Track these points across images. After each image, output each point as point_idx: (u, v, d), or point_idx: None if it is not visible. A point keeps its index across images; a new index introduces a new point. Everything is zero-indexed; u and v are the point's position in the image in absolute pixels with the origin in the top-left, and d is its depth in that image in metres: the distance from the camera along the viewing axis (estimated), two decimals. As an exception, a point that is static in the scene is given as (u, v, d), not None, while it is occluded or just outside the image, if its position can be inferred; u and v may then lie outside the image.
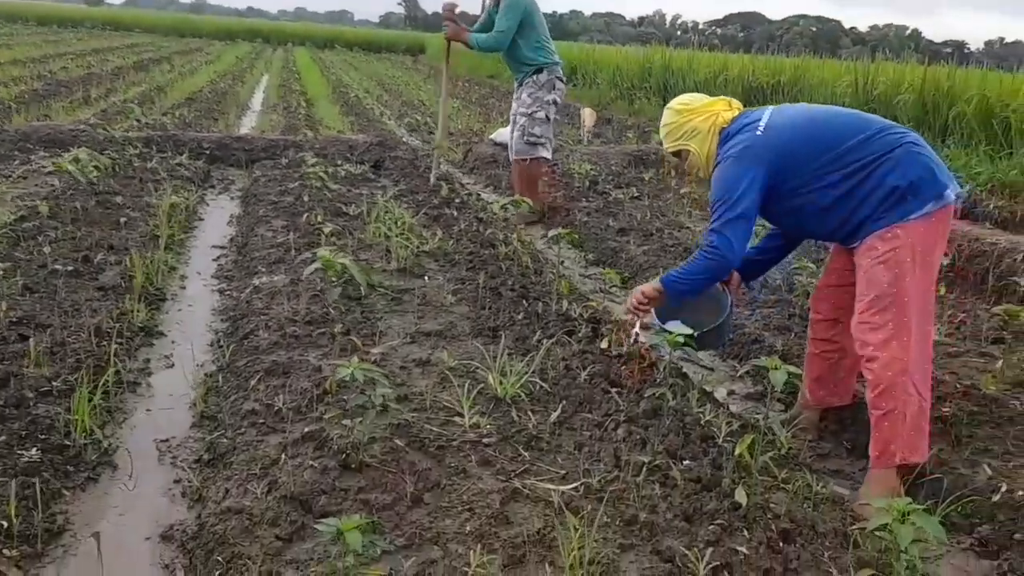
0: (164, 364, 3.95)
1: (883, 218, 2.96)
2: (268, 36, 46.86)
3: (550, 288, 4.79)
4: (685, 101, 3.47)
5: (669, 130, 3.44)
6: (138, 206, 6.23)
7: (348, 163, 8.60)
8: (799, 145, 3.10)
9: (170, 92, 14.79)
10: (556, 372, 3.62)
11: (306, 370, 3.54)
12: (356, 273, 3.16)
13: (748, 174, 3.11)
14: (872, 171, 2.97)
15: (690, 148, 3.38)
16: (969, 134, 8.22)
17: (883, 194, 2.95)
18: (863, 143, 3.01)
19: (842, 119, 3.16)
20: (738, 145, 3.17)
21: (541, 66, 6.89)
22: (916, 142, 3.03)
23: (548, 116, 6.92)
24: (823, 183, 3.05)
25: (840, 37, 76.10)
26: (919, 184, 2.92)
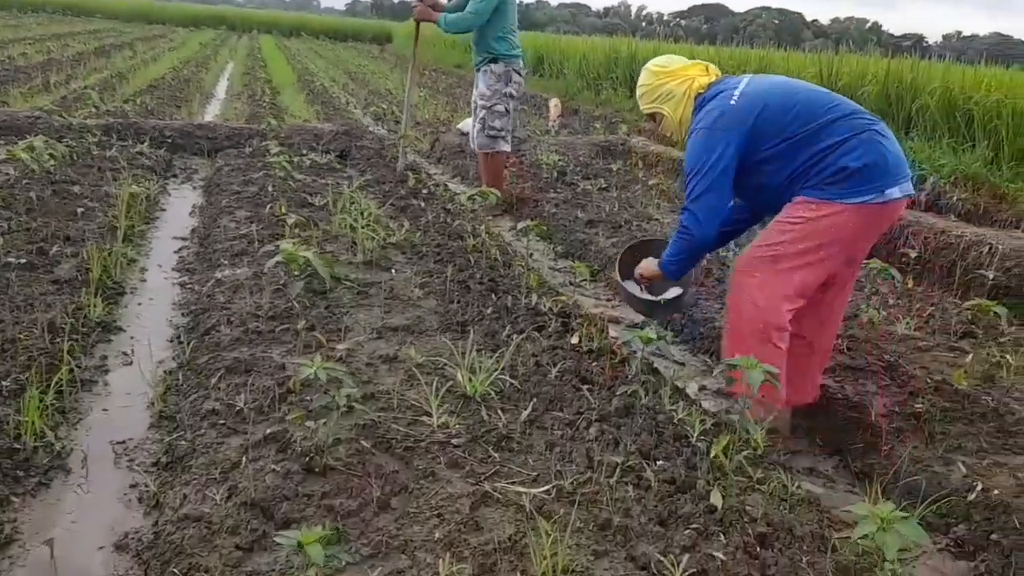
0: (122, 361, 3.82)
1: (821, 190, 3.05)
2: (233, 23, 46.18)
3: (519, 281, 4.71)
4: (662, 63, 3.45)
5: (644, 91, 3.46)
6: (97, 196, 6.05)
7: (314, 152, 8.45)
8: (770, 118, 3.12)
9: (132, 79, 14.49)
10: (526, 369, 3.54)
11: (269, 368, 3.43)
12: (319, 267, 3.06)
13: (719, 145, 3.14)
14: (831, 151, 3.02)
15: (664, 111, 3.40)
16: (932, 126, 8.25)
17: (833, 171, 3.02)
18: (833, 123, 3.05)
19: (815, 96, 3.18)
20: (711, 114, 3.19)
21: (498, 56, 6.76)
22: (883, 132, 3.09)
23: (507, 109, 6.84)
24: (789, 159, 3.10)
25: (802, 30, 76.57)
26: (867, 171, 2.99)
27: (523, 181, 7.84)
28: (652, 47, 14.35)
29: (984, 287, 4.97)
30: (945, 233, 5.69)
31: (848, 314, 4.51)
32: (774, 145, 3.12)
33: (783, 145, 3.10)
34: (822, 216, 3.03)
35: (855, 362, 3.91)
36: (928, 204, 7.18)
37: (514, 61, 6.82)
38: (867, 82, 9.03)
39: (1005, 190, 6.97)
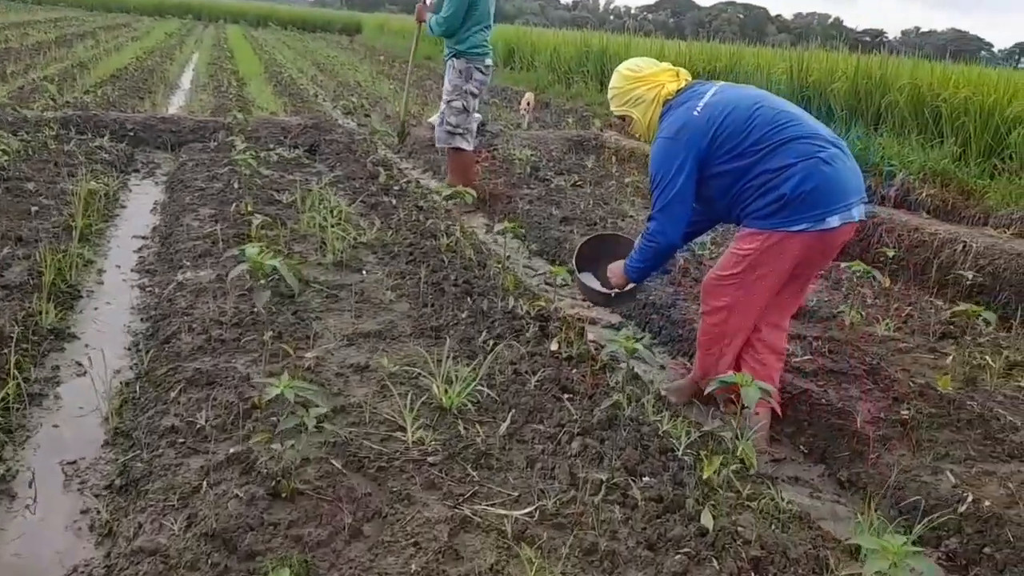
0: (75, 372, 3.62)
1: (763, 219, 3.19)
2: (200, 12, 45.42)
3: (495, 283, 4.56)
4: (634, 67, 3.51)
5: (615, 94, 3.54)
6: (52, 193, 5.81)
7: (281, 147, 8.23)
8: (728, 134, 3.21)
9: (94, 69, 14.10)
10: (504, 377, 3.39)
11: (233, 380, 3.25)
12: (287, 275, 2.90)
13: (679, 155, 3.25)
14: (773, 177, 3.13)
15: (633, 115, 3.48)
16: (901, 122, 8.21)
17: (771, 198, 3.14)
18: (781, 145, 3.14)
19: (775, 115, 3.21)
20: (673, 125, 3.28)
21: (460, 53, 6.65)
22: (829, 159, 3.12)
23: (465, 106, 6.72)
24: (739, 175, 3.21)
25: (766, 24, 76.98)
26: (804, 200, 3.08)
27: (496, 177, 7.67)
28: (623, 41, 14.21)
29: (962, 286, 4.90)
30: (919, 231, 5.63)
31: (827, 315, 4.42)
32: (727, 160, 3.23)
33: (735, 162, 3.21)
34: (768, 246, 3.19)
35: (837, 365, 3.80)
36: (897, 200, 7.14)
37: (477, 59, 6.68)
38: (836, 78, 8.97)
39: (972, 186, 6.94)
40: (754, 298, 3.31)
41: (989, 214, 6.37)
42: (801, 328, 4.25)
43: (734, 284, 3.32)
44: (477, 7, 6.54)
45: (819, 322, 4.35)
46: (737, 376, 2.31)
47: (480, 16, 6.59)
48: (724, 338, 3.41)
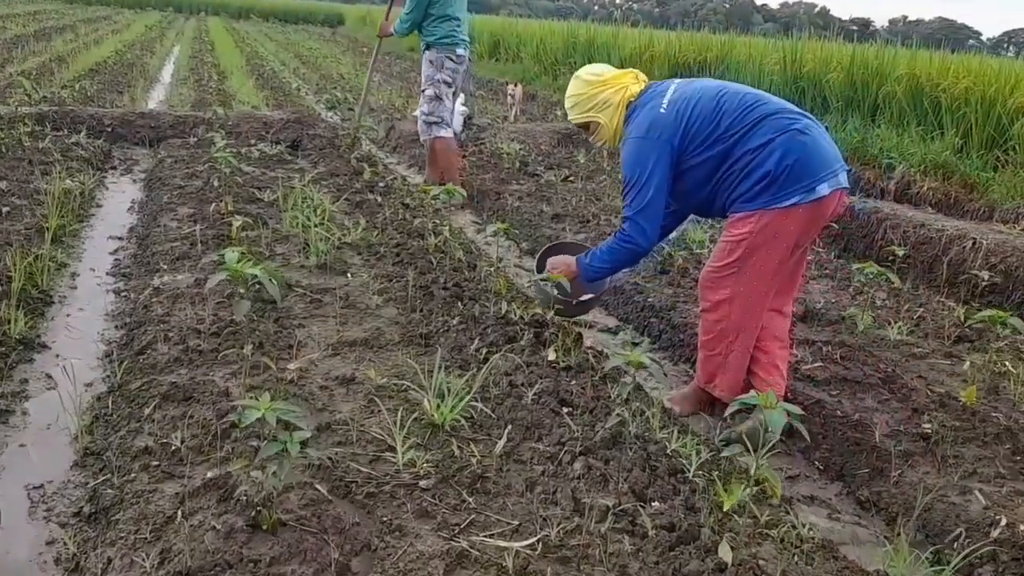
0: (44, 385, 3.42)
1: (751, 201, 3.09)
2: (181, 5, 44.91)
3: (487, 286, 4.36)
4: (596, 72, 3.45)
5: (578, 101, 3.46)
6: (25, 193, 5.56)
7: (263, 143, 8.00)
8: (698, 125, 3.16)
9: (72, 63, 13.78)
10: (499, 390, 3.20)
11: (211, 395, 3.05)
12: (269, 285, 2.70)
13: (652, 154, 3.19)
14: (756, 155, 3.06)
15: (599, 120, 3.41)
16: (900, 114, 8.03)
17: (757, 178, 3.06)
18: (754, 125, 3.08)
19: (740, 100, 3.16)
20: (641, 125, 3.23)
21: (431, 43, 6.80)
22: (804, 129, 3.07)
23: (438, 94, 6.83)
24: (715, 164, 3.15)
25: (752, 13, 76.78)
26: (790, 173, 3.01)
27: (484, 172, 7.47)
28: (611, 32, 14.01)
29: (975, 286, 4.73)
30: (925, 227, 5.45)
31: (835, 318, 4.25)
32: (702, 151, 3.16)
33: (710, 151, 3.15)
34: (762, 226, 3.08)
35: (850, 373, 3.62)
36: (898, 194, 6.98)
37: (447, 48, 6.79)
38: (832, 69, 8.78)
39: (975, 179, 6.77)
40: (756, 286, 3.17)
41: (994, 208, 6.21)
42: (809, 332, 4.07)
43: (732, 273, 3.18)
44: None
45: (827, 325, 4.17)
46: (760, 397, 2.13)
47: (442, 6, 6.69)
48: (728, 335, 3.25)
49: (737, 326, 3.22)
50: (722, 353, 3.28)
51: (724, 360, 3.28)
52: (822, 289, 4.74)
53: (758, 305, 3.22)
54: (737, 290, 3.18)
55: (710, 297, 3.27)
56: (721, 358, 3.29)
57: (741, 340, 3.25)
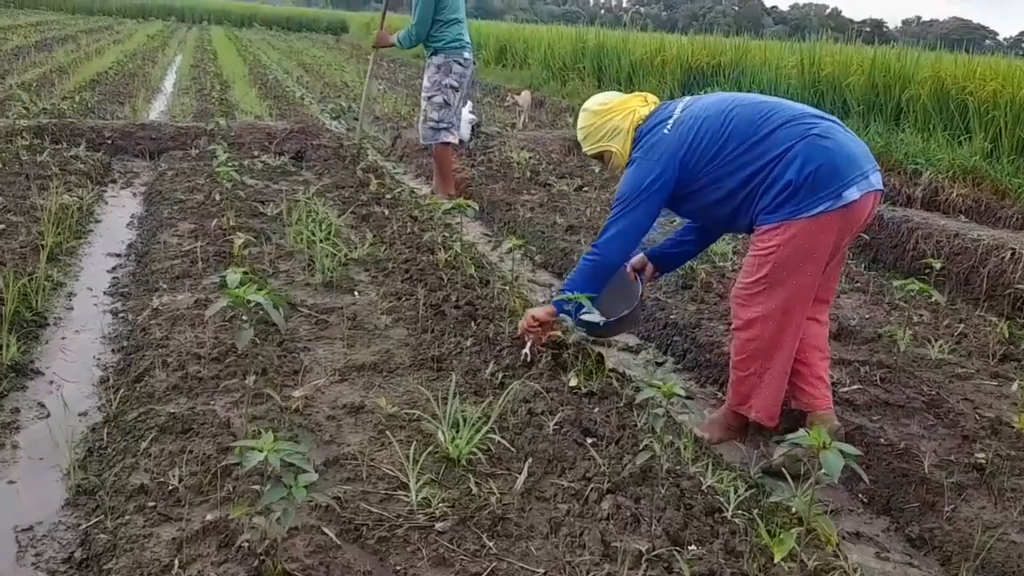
0: (37, 414, 3.22)
1: (776, 212, 2.94)
2: (183, 14, 44.84)
3: (500, 303, 4.16)
4: (602, 101, 3.38)
5: (588, 132, 3.37)
6: (21, 209, 5.38)
7: (266, 154, 7.82)
8: (705, 142, 3.04)
9: (73, 74, 13.63)
10: (517, 419, 3.00)
11: (211, 427, 2.86)
12: (273, 312, 2.51)
13: (651, 175, 3.10)
14: (774, 166, 2.92)
15: (612, 148, 3.31)
16: (925, 118, 7.79)
17: (778, 189, 2.91)
18: (767, 136, 2.95)
19: (751, 110, 3.04)
20: (646, 145, 3.16)
21: (438, 48, 6.68)
22: (823, 133, 2.92)
23: (447, 100, 6.72)
24: (730, 180, 3.01)
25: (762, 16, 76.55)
26: (815, 180, 2.86)
27: (493, 182, 7.28)
28: (620, 36, 13.80)
29: (1018, 299, 4.51)
30: (959, 237, 5.23)
31: (871, 335, 4.04)
32: (714, 167, 3.04)
33: (723, 166, 3.02)
34: (789, 237, 2.92)
35: (892, 396, 3.41)
36: (925, 201, 6.75)
37: (455, 52, 6.68)
38: (852, 72, 8.56)
39: (1007, 185, 6.53)
40: (790, 301, 2.99)
41: (1028, 215, 5.98)
42: (844, 351, 3.86)
43: (764, 289, 3.01)
44: (446, 3, 6.54)
45: (864, 344, 3.95)
46: (811, 436, 1.92)
47: (450, 10, 6.59)
48: (763, 354, 3.06)
49: (772, 344, 3.04)
50: (756, 373, 3.09)
51: (759, 381, 3.09)
52: (854, 304, 4.52)
53: (793, 321, 3.03)
54: (770, 307, 3.01)
55: (742, 315, 3.09)
56: (756, 378, 3.09)
57: (777, 360, 3.06)
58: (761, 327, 3.03)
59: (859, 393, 3.41)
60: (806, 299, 3.04)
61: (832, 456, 1.85)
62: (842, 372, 3.62)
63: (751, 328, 3.06)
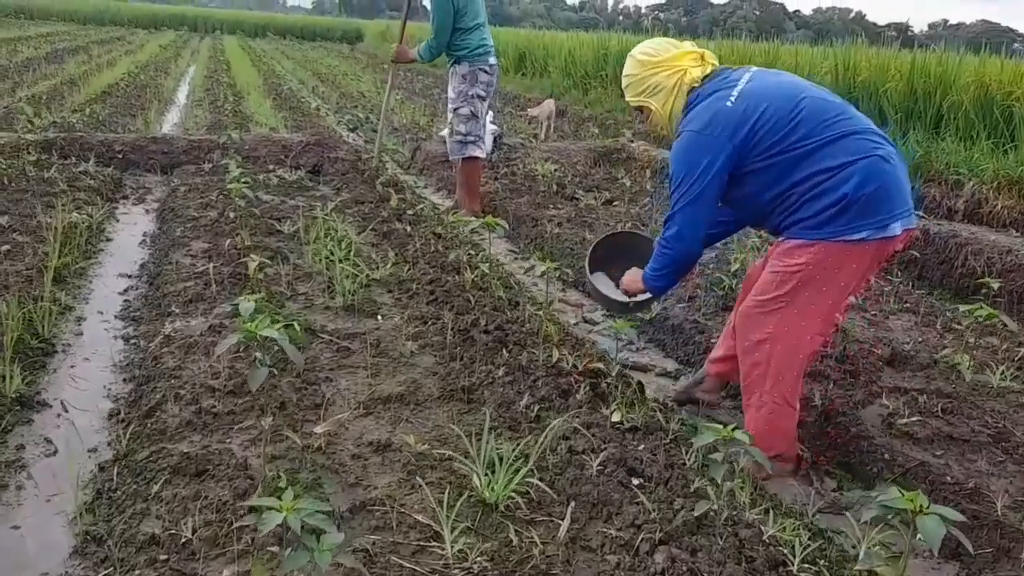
0: (43, 451, 3.02)
1: (815, 228, 2.73)
2: (196, 23, 44.95)
3: (532, 327, 3.94)
4: (650, 51, 3.04)
5: (631, 82, 3.10)
6: (28, 228, 5.19)
7: (282, 167, 7.63)
8: (768, 127, 2.76)
9: (84, 86, 13.50)
10: (557, 458, 2.78)
11: (227, 468, 2.65)
12: (288, 348, 2.31)
13: (708, 153, 2.80)
14: (832, 175, 2.69)
15: (652, 106, 3.05)
16: (967, 125, 7.51)
17: (829, 201, 2.69)
18: (836, 141, 2.71)
19: (823, 106, 2.79)
20: (702, 117, 2.84)
21: (461, 57, 6.36)
22: (888, 157, 2.72)
23: (474, 112, 6.43)
24: (779, 173, 2.77)
25: (784, 20, 76.09)
26: (868, 202, 2.66)
27: (518, 196, 7.06)
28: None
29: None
30: (1012, 253, 4.96)
31: (926, 361, 3.79)
32: (768, 157, 2.78)
33: (778, 158, 2.76)
34: (822, 258, 2.73)
35: (955, 429, 3.17)
36: (967, 212, 6.48)
37: (480, 59, 6.37)
38: (890, 77, 8.28)
39: (1059, 197, 6.26)
40: (805, 325, 2.79)
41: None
42: (900, 379, 3.62)
43: (779, 308, 2.81)
44: (466, 9, 6.23)
45: (920, 370, 3.70)
46: (906, 498, 1.69)
47: (471, 16, 6.27)
48: (764, 382, 2.87)
49: (778, 370, 2.85)
50: (755, 406, 2.93)
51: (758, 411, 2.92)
52: (905, 326, 4.27)
53: (803, 350, 2.85)
54: (781, 329, 2.82)
55: (750, 335, 2.90)
56: (767, 412, 2.90)
57: (776, 390, 2.87)
58: (770, 350, 2.84)
59: (919, 426, 3.17)
60: (820, 329, 2.85)
61: (932, 524, 1.62)
62: (899, 402, 3.39)
63: (759, 350, 2.87)
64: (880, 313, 4.43)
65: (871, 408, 3.36)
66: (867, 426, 3.20)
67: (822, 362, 3.68)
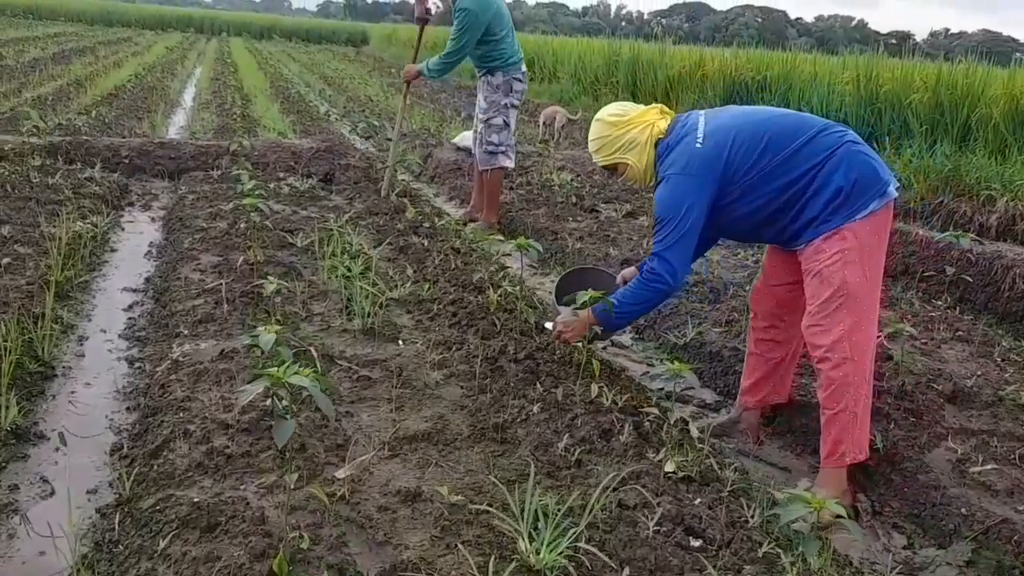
0: (39, 492, 2.79)
1: (829, 220, 2.89)
2: (202, 25, 44.81)
3: (564, 354, 3.68)
4: (617, 112, 3.31)
5: (603, 143, 3.30)
6: (31, 239, 4.93)
7: (292, 175, 7.38)
8: (741, 154, 2.98)
9: (90, 87, 13.27)
10: (607, 515, 2.51)
11: (243, 521, 2.39)
12: (320, 397, 2.06)
13: (691, 192, 3.03)
14: (816, 173, 2.90)
15: (628, 161, 3.25)
16: (998, 140, 7.25)
17: (828, 195, 2.89)
18: (805, 145, 2.93)
19: (781, 122, 3.03)
20: (681, 159, 3.06)
21: (495, 68, 6.21)
22: (855, 140, 2.98)
23: (506, 121, 6.30)
24: (768, 189, 2.96)
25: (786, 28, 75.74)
26: (862, 183, 2.87)
27: (535, 207, 6.81)
28: (657, 49, 13.27)
29: None
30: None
31: (990, 398, 3.52)
32: (750, 177, 2.98)
33: (761, 174, 2.97)
34: (853, 241, 2.86)
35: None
36: (1000, 230, 6.22)
37: (514, 68, 6.25)
38: (915, 89, 8.02)
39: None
40: (867, 307, 2.91)
41: None
42: (964, 419, 3.35)
43: (841, 304, 2.86)
44: (498, 19, 6.08)
45: (984, 408, 3.43)
46: None
47: (502, 25, 6.10)
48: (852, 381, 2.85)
49: (861, 368, 2.86)
50: (848, 408, 2.85)
51: (853, 415, 2.85)
52: (960, 356, 4.00)
53: (873, 336, 2.95)
54: (853, 319, 2.86)
55: (823, 341, 2.89)
56: (849, 415, 2.85)
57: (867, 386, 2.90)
58: (847, 345, 2.84)
59: (996, 475, 2.91)
60: (877, 301, 2.96)
61: None
62: (967, 445, 3.13)
63: (837, 351, 2.85)
64: (932, 342, 4.17)
65: (937, 452, 3.10)
66: (936, 473, 2.94)
67: (879, 398, 3.43)
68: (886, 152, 7.79)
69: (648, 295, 3.22)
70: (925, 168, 7.02)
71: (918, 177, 6.99)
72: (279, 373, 2.08)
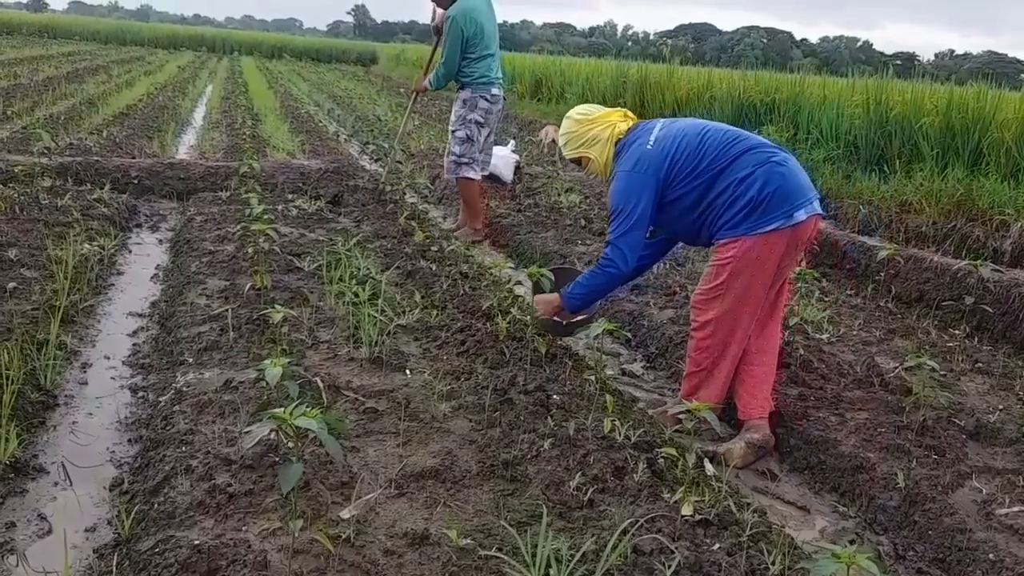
0: (36, 530, 2.71)
1: (737, 227, 3.35)
2: (214, 44, 45.07)
3: (576, 386, 3.61)
4: (584, 111, 3.79)
5: (570, 138, 3.77)
6: (37, 262, 4.87)
7: (300, 196, 7.33)
8: (683, 160, 3.43)
9: (102, 106, 13.29)
10: (623, 562, 2.42)
11: (244, 566, 2.31)
12: (328, 442, 1.98)
13: (639, 186, 3.47)
14: (739, 184, 3.33)
15: (591, 156, 3.72)
16: (1011, 163, 7.15)
17: (741, 205, 3.33)
18: (738, 158, 3.37)
19: (722, 136, 3.45)
20: (631, 159, 3.52)
21: (465, 84, 6.72)
22: (782, 162, 3.36)
23: (469, 135, 6.71)
24: (698, 192, 3.42)
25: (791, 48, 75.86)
26: (771, 200, 3.28)
27: (543, 230, 6.74)
28: (664, 70, 13.24)
29: None
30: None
31: (1014, 435, 3.43)
32: (687, 183, 3.43)
33: (695, 183, 3.42)
34: (744, 251, 3.33)
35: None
36: (1015, 255, 6.12)
37: (482, 88, 6.68)
38: (925, 112, 7.94)
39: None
40: (742, 307, 3.42)
41: None
42: (988, 456, 3.25)
43: (719, 295, 3.42)
44: (476, 40, 6.53)
45: (1008, 445, 3.34)
46: None
47: (481, 47, 6.58)
48: (712, 351, 3.49)
49: (723, 343, 3.47)
50: (707, 368, 3.52)
51: (708, 375, 3.52)
52: (981, 389, 3.91)
53: (742, 325, 3.45)
54: (723, 310, 3.43)
55: (698, 318, 3.53)
56: (706, 373, 3.53)
57: (727, 354, 3.49)
58: (715, 327, 3.46)
59: (1021, 516, 2.81)
60: (755, 306, 3.44)
61: None
62: (991, 485, 3.03)
63: (706, 328, 3.49)
64: (952, 373, 4.07)
65: (961, 492, 3.01)
66: (962, 515, 2.84)
67: (899, 434, 3.33)
68: (896, 176, 7.71)
69: (602, 279, 3.70)
70: (937, 192, 6.94)
71: (930, 201, 6.91)
72: (285, 415, 2.00)
